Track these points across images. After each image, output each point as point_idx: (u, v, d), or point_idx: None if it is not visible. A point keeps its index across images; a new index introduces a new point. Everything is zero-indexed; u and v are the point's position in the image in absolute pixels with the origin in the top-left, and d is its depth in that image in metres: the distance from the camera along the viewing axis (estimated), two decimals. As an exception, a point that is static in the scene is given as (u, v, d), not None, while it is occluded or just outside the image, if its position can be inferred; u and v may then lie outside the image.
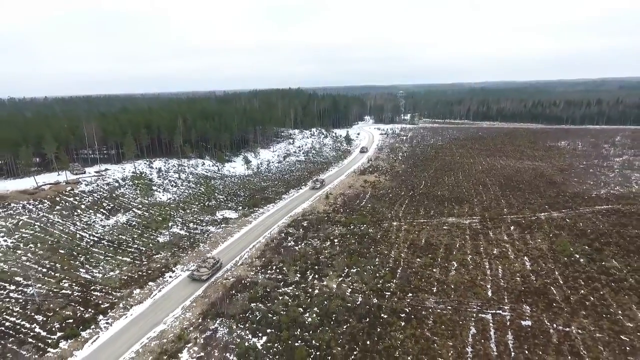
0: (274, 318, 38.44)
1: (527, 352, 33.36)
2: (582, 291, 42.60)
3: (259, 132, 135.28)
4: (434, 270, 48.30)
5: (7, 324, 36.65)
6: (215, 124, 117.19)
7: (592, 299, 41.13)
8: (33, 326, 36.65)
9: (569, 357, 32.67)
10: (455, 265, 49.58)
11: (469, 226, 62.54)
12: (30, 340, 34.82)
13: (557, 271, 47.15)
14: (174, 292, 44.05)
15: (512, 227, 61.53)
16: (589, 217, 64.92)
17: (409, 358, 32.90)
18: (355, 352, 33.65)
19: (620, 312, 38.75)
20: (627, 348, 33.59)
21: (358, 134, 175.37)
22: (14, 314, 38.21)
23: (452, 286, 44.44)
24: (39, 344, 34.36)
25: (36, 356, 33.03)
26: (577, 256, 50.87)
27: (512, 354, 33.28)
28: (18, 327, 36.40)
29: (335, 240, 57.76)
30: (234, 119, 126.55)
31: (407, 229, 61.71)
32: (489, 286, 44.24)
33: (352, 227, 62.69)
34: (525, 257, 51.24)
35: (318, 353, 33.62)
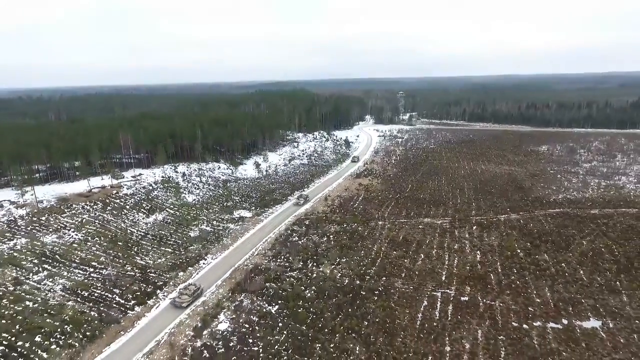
0: (283, 293, 53.24)
1: (459, 317, 48.06)
2: (512, 277, 57.10)
3: (267, 136, 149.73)
4: (405, 260, 62.89)
5: (96, 294, 51.89)
6: (228, 130, 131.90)
7: (517, 282, 55.69)
8: (113, 297, 51.80)
9: (488, 321, 47.33)
10: (422, 257, 64.14)
11: (440, 226, 76.92)
12: (114, 305, 50.00)
13: (499, 262, 61.60)
14: (209, 275, 59.05)
15: (474, 227, 75.82)
16: (540, 219, 79.04)
17: (377, 320, 47.69)
18: (340, 316, 48.46)
19: (535, 292, 53.23)
20: (530, 315, 48.24)
21: (357, 136, 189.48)
22: (98, 288, 53.43)
23: (417, 273, 59.06)
24: (121, 308, 49.54)
25: (121, 315, 48.21)
26: (519, 251, 65.34)
27: (449, 317, 48.04)
28: (103, 297, 51.60)
29: (331, 236, 72.31)
30: (244, 124, 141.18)
31: (390, 228, 76.14)
32: (444, 273, 58.79)
33: (345, 225, 77.25)
34: (478, 252, 65.65)
35: (314, 316, 48.44)
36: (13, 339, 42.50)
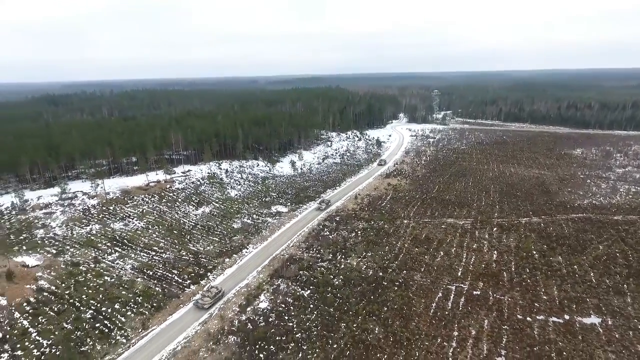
0: (314, 280, 61.24)
1: (469, 308, 54.19)
2: (524, 276, 62.16)
3: (302, 135, 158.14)
4: (426, 257, 69.16)
5: (158, 274, 62.08)
6: (267, 129, 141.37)
7: (528, 281, 60.76)
8: (172, 276, 61.76)
9: (495, 313, 53.19)
10: (442, 254, 70.11)
11: (461, 226, 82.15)
12: (174, 283, 59.89)
13: (513, 262, 66.61)
14: (251, 262, 68.04)
15: (494, 229, 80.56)
16: (560, 223, 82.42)
17: (395, 306, 54.68)
18: (363, 301, 55.85)
19: (543, 290, 58.25)
20: (534, 309, 53.59)
21: (389, 135, 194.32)
22: (160, 269, 63.64)
23: (435, 268, 65.29)
24: (179, 286, 59.34)
25: (180, 292, 57.95)
26: (534, 252, 69.89)
27: (460, 308, 54.25)
28: (164, 276, 61.66)
29: (359, 232, 79.50)
30: (281, 124, 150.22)
31: (414, 226, 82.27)
32: (460, 269, 64.65)
33: (372, 222, 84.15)
34: (495, 251, 70.78)
35: (341, 301, 56.12)
36: (98, 305, 53.08)
